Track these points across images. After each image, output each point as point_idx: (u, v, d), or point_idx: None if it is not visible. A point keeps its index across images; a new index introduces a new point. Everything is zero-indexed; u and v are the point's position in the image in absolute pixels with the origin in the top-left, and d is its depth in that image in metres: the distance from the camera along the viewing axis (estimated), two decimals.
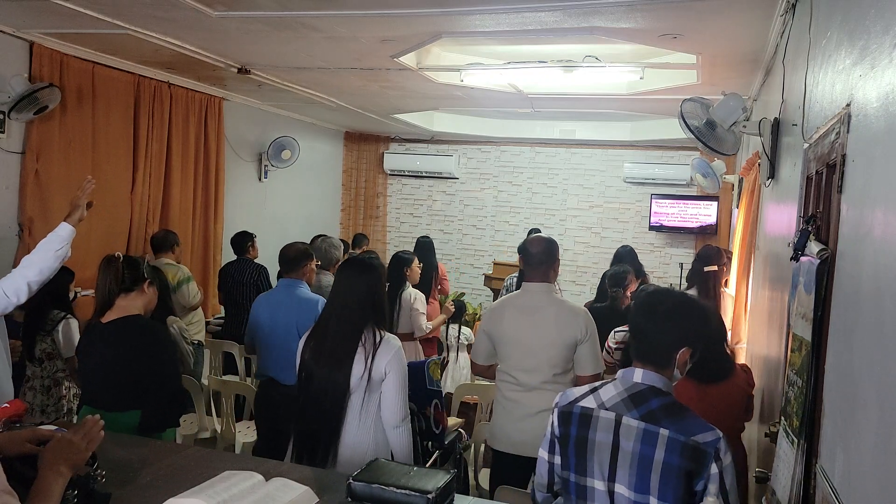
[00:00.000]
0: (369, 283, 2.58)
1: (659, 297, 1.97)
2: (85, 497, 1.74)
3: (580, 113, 7.51)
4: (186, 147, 6.17)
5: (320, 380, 2.52)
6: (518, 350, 3.02)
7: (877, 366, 1.27)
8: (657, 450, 1.76)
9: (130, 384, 2.64)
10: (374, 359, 2.48)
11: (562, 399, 1.97)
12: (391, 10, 3.63)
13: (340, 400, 2.49)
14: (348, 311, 2.54)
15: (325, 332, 2.56)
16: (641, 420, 1.80)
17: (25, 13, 4.15)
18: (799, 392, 1.88)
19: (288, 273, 3.91)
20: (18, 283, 2.65)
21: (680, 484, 1.74)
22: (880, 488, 1.18)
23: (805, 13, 2.49)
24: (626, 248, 6.29)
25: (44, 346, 3.69)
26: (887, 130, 1.31)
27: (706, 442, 1.75)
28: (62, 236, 2.75)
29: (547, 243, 3.13)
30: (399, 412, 2.54)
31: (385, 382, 2.51)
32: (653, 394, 1.84)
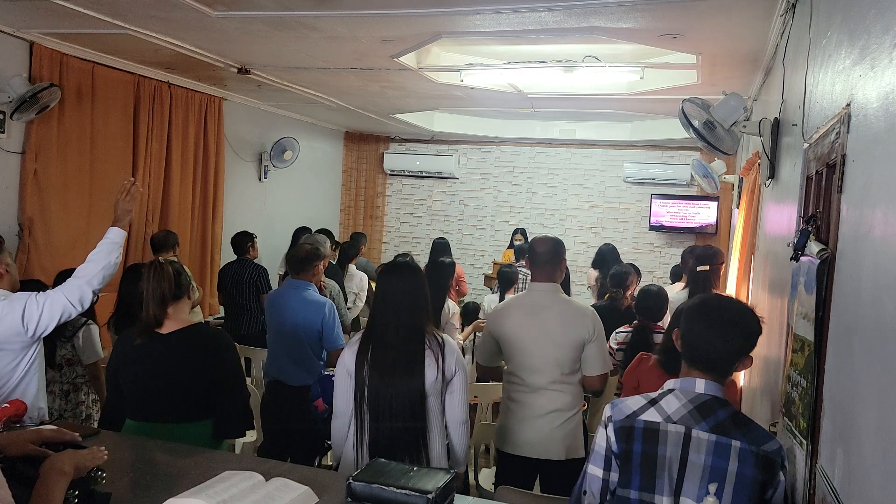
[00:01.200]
0: (419, 285, 2.53)
1: (720, 303, 1.90)
2: (85, 497, 1.74)
3: (580, 113, 7.51)
4: (186, 147, 6.17)
5: (390, 391, 2.44)
6: (524, 350, 2.99)
7: (877, 366, 1.27)
8: (730, 462, 1.73)
9: (201, 394, 2.59)
10: (445, 360, 2.47)
11: (616, 413, 1.86)
12: (391, 10, 3.63)
13: (420, 406, 2.44)
14: (407, 318, 2.48)
15: (384, 342, 2.48)
16: (712, 432, 1.75)
17: (25, 13, 4.15)
18: (803, 393, 1.87)
19: (297, 275, 3.89)
20: (84, 290, 2.63)
21: (755, 494, 1.72)
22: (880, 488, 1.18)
23: (805, 13, 2.49)
24: (609, 247, 6.31)
25: (63, 351, 3.67)
26: (887, 130, 1.31)
27: (774, 450, 1.74)
28: (118, 242, 2.76)
29: (553, 243, 3.10)
30: (466, 408, 2.57)
31: (455, 381, 2.52)
32: (718, 404, 1.80)
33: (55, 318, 2.59)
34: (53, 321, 2.60)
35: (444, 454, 2.52)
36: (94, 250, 2.73)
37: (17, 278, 2.84)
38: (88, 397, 3.77)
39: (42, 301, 2.58)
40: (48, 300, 2.59)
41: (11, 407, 2.30)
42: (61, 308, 2.60)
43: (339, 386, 2.56)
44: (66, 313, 2.62)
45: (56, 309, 2.59)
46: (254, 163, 7.56)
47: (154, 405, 2.61)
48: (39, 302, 2.58)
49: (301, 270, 3.88)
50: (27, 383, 2.62)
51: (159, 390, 2.60)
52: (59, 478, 1.64)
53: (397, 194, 9.71)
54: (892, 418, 1.15)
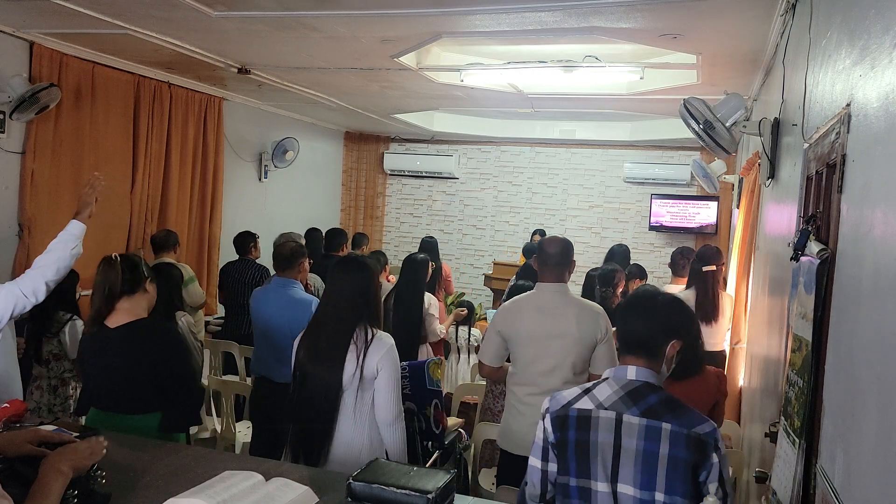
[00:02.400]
0: (362, 281, 2.58)
1: (649, 293, 2.02)
2: (85, 497, 1.74)
3: (580, 113, 7.51)
4: (186, 147, 6.18)
5: (314, 379, 2.52)
6: (537, 351, 2.97)
7: (877, 366, 1.27)
8: (661, 444, 1.77)
9: (147, 387, 2.62)
10: (366, 356, 2.48)
11: (552, 404, 1.93)
12: (391, 10, 3.63)
13: (333, 398, 2.49)
14: (341, 310, 2.55)
15: (318, 331, 2.56)
16: (643, 416, 1.80)
17: (25, 13, 4.15)
18: (800, 392, 1.88)
19: (282, 272, 3.90)
20: (37, 282, 2.65)
21: (687, 476, 1.75)
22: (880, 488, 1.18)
23: (805, 13, 2.49)
24: (622, 247, 6.28)
25: (50, 347, 3.69)
26: (887, 130, 1.31)
27: (706, 432, 1.78)
28: (75, 234, 2.76)
29: (564, 243, 3.12)
30: (392, 410, 2.52)
31: (377, 380, 2.50)
32: (649, 389, 1.85)
33: (9, 309, 2.61)
34: (7, 312, 2.61)
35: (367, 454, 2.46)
36: (53, 241, 2.75)
37: None
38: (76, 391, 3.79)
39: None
40: (3, 291, 2.61)
41: (11, 407, 2.31)
42: (14, 299, 2.61)
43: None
44: (20, 305, 2.63)
45: (9, 301, 2.60)
46: (254, 163, 7.56)
47: (104, 396, 2.69)
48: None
49: (286, 267, 3.89)
50: None
51: (110, 383, 2.67)
52: (57, 477, 1.63)
53: (397, 194, 9.71)
54: (892, 418, 1.15)
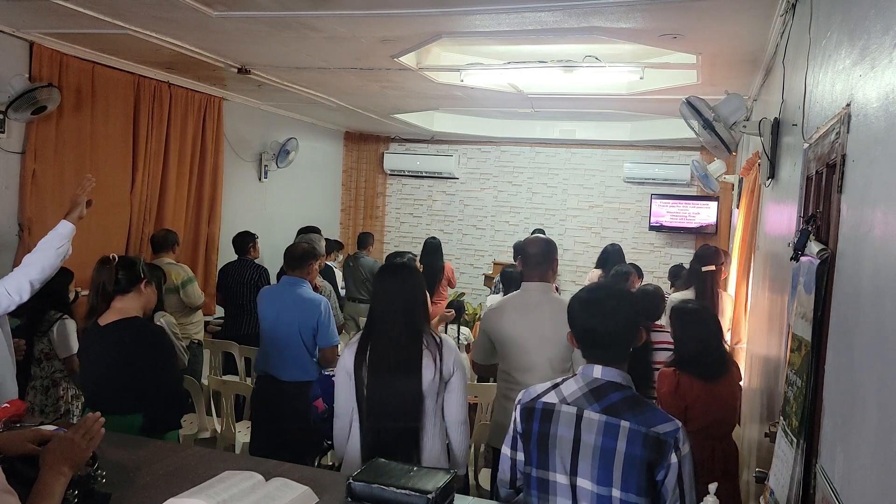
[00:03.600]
0: (415, 285, 2.54)
1: (594, 294, 1.98)
2: (85, 497, 1.74)
3: (580, 113, 7.51)
4: (186, 147, 6.17)
5: (389, 390, 2.44)
6: (516, 349, 3.03)
7: (877, 366, 1.27)
8: (619, 441, 1.79)
9: (131, 387, 2.62)
10: (443, 360, 2.47)
11: (524, 396, 2.00)
12: (391, 10, 3.63)
13: (416, 407, 2.44)
14: (404, 318, 2.48)
15: (380, 342, 2.48)
16: (603, 413, 1.83)
17: (25, 13, 4.15)
18: (798, 392, 1.88)
19: (292, 271, 3.92)
20: (20, 281, 2.66)
21: (642, 474, 1.77)
22: (880, 488, 1.18)
23: (805, 13, 2.49)
24: (615, 247, 6.29)
25: (41, 346, 3.70)
26: (887, 130, 1.31)
27: (666, 432, 1.79)
28: (63, 234, 2.76)
29: (545, 243, 3.17)
30: (464, 408, 2.56)
31: (452, 381, 2.51)
32: (613, 388, 1.87)
33: None
34: None
35: (442, 456, 2.51)
36: (41, 240, 2.77)
37: None
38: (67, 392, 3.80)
39: None
40: None
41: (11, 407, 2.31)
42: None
43: (339, 386, 2.56)
44: (3, 304, 2.64)
45: None
46: (254, 163, 7.56)
47: (93, 394, 2.72)
48: None
49: (296, 267, 3.91)
50: None
51: (97, 380, 2.70)
52: (57, 478, 1.63)
53: (397, 194, 9.71)
54: (893, 418, 1.15)
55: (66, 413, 3.75)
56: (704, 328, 3.15)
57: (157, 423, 2.64)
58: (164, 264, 4.93)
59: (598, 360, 1.92)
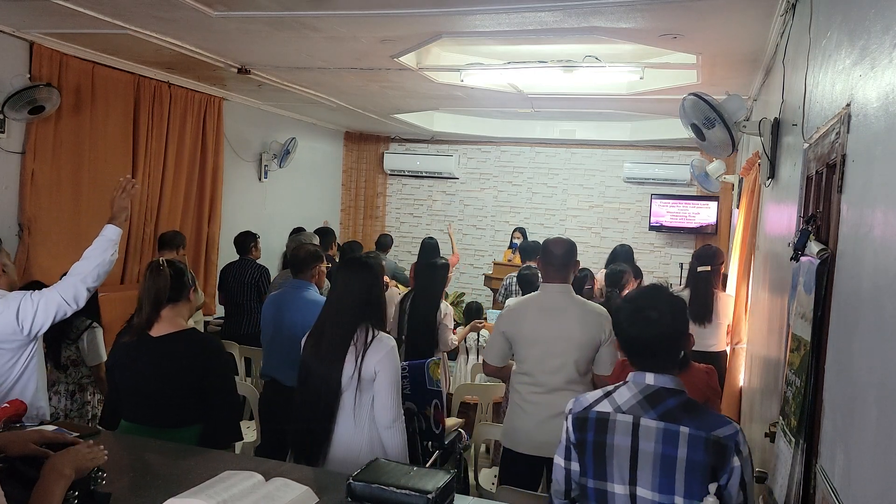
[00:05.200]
0: (365, 281, 2.58)
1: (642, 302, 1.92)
2: (85, 497, 1.74)
3: (580, 113, 7.51)
4: (185, 147, 6.17)
5: (316, 379, 2.53)
6: (541, 351, 2.99)
7: (877, 366, 1.27)
8: (679, 448, 1.75)
9: (190, 400, 2.53)
10: (364, 357, 2.47)
11: (575, 405, 1.94)
12: (391, 10, 3.63)
13: (333, 399, 2.50)
14: (343, 310, 2.55)
15: (321, 332, 2.57)
16: (660, 420, 1.79)
17: (25, 13, 4.15)
18: (797, 392, 1.88)
19: (297, 274, 3.90)
20: (78, 288, 2.61)
21: (705, 480, 1.73)
22: (880, 488, 1.18)
23: (805, 13, 2.49)
24: (624, 247, 6.27)
25: (69, 353, 3.69)
26: (887, 130, 1.31)
27: (726, 436, 1.75)
28: (113, 239, 2.73)
29: (569, 244, 3.13)
30: (390, 412, 2.50)
31: (376, 382, 2.49)
32: (668, 394, 1.83)
33: (50, 316, 2.57)
34: (49, 319, 2.58)
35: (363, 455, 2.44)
36: (90, 247, 2.71)
37: (14, 279, 2.83)
38: (94, 397, 3.79)
39: (37, 300, 2.56)
40: (43, 298, 2.57)
41: (11, 407, 2.30)
42: (56, 306, 2.58)
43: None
44: (60, 311, 2.59)
45: (51, 307, 2.57)
46: (254, 163, 7.56)
47: (142, 408, 2.56)
48: (34, 300, 2.56)
49: (301, 270, 3.89)
50: (25, 382, 2.61)
51: (147, 394, 2.55)
52: (58, 479, 1.64)
53: (397, 194, 9.71)
54: (892, 418, 1.15)
55: (94, 418, 3.73)
56: None
57: (217, 439, 2.54)
58: None
59: (649, 368, 1.87)
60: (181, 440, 2.47)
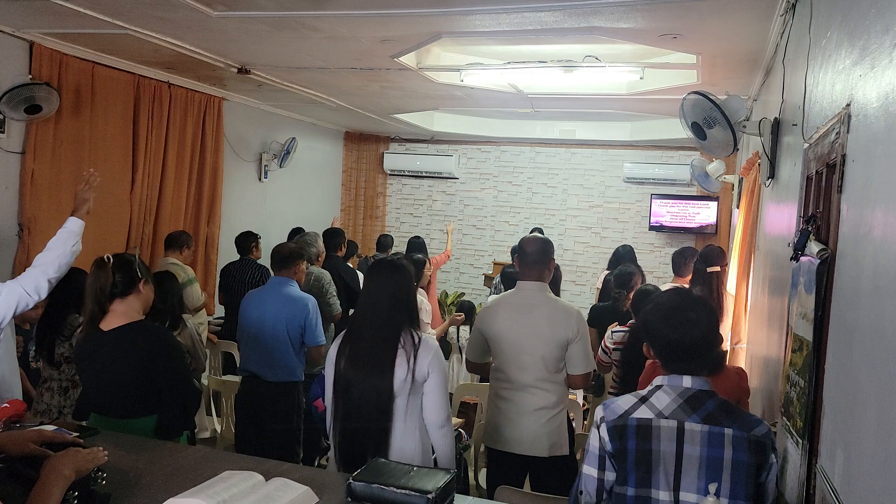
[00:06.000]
0: (400, 284, 2.52)
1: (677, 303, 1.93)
2: (85, 498, 1.74)
3: (580, 113, 7.51)
4: (185, 147, 6.17)
5: (361, 386, 2.44)
6: (511, 348, 3.04)
7: (877, 366, 1.27)
8: (725, 450, 1.77)
9: (143, 391, 2.58)
10: (417, 360, 2.44)
11: (608, 413, 1.88)
12: (391, 10, 3.63)
13: (386, 405, 2.43)
14: (383, 315, 2.47)
15: (360, 338, 2.49)
16: (704, 423, 1.79)
17: (25, 13, 4.15)
18: (801, 392, 1.88)
19: (279, 271, 3.93)
20: (39, 280, 2.65)
21: (750, 479, 1.76)
22: (880, 488, 1.18)
23: (805, 13, 2.49)
24: (627, 248, 6.28)
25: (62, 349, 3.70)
26: (887, 130, 1.31)
27: (763, 434, 1.79)
28: (75, 231, 2.76)
29: (542, 243, 3.16)
30: (443, 412, 2.51)
31: (427, 383, 2.47)
32: (706, 396, 1.84)
33: (11, 307, 2.61)
34: (10, 311, 2.62)
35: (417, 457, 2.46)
36: (53, 239, 2.74)
37: None
38: None
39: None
40: (5, 290, 2.61)
41: (11, 407, 2.31)
42: (17, 297, 2.62)
43: (326, 380, 2.57)
44: (22, 302, 2.63)
45: (12, 299, 2.61)
46: (254, 163, 7.56)
47: (101, 400, 2.65)
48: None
49: (283, 267, 3.91)
50: None
51: (102, 386, 2.63)
52: (58, 479, 1.64)
53: (397, 194, 9.71)
54: (892, 418, 1.15)
55: None
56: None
57: (172, 426, 2.59)
58: (167, 264, 4.93)
59: (684, 371, 1.86)
60: (137, 430, 2.51)
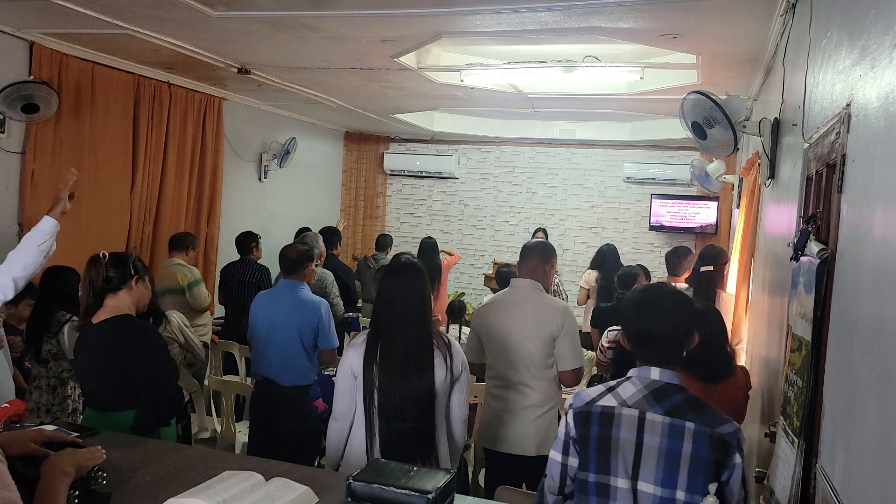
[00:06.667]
0: (423, 285, 2.51)
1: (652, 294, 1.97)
2: (85, 497, 1.74)
3: (580, 113, 7.51)
4: (185, 147, 6.17)
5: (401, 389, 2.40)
6: (501, 345, 3.05)
7: (877, 365, 1.27)
8: (685, 443, 1.78)
9: (124, 384, 2.63)
10: (453, 359, 2.47)
11: (576, 400, 1.94)
12: (391, 10, 3.63)
13: (430, 405, 2.43)
14: (414, 318, 2.45)
15: (393, 343, 2.44)
16: (666, 415, 1.81)
17: (25, 13, 4.15)
18: (799, 392, 1.88)
19: (289, 275, 3.90)
20: (3, 280, 2.63)
21: (708, 476, 1.76)
22: (880, 488, 1.18)
23: (805, 13, 2.49)
24: (610, 247, 6.33)
25: (49, 346, 3.70)
26: (887, 130, 1.31)
27: (729, 433, 1.79)
28: (45, 230, 2.72)
29: (543, 245, 3.25)
30: (467, 406, 2.57)
31: (461, 380, 2.51)
32: (674, 390, 1.86)
33: None
34: None
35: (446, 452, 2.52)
36: (24, 237, 2.75)
37: None
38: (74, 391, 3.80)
39: None
40: None
41: (11, 407, 2.31)
42: None
43: (341, 388, 2.51)
44: None
45: None
46: (254, 163, 7.56)
47: (88, 392, 2.73)
48: None
49: (293, 271, 3.89)
50: None
51: (88, 378, 2.72)
52: (61, 477, 1.64)
53: (397, 194, 9.71)
54: (893, 418, 1.15)
55: (74, 412, 3.76)
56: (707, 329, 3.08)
57: (147, 421, 2.62)
58: (172, 265, 4.92)
59: (653, 362, 1.89)
60: (116, 424, 2.55)
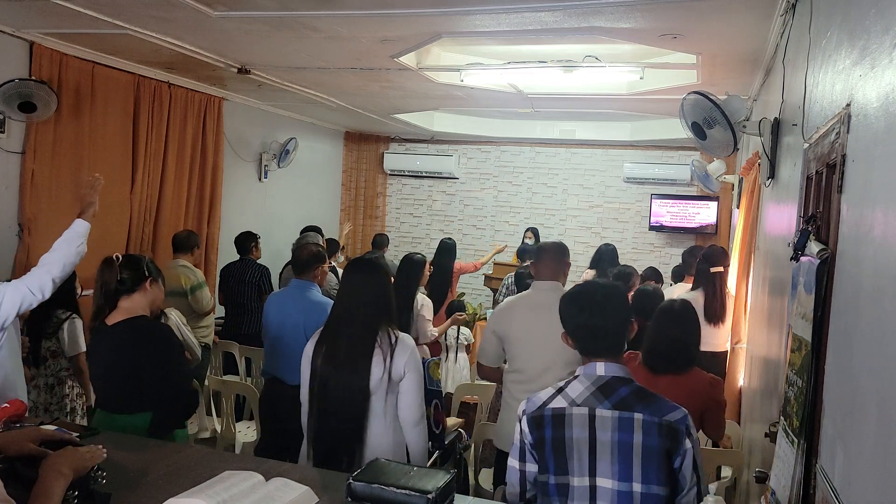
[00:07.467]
0: (378, 282, 2.54)
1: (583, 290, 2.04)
2: (85, 497, 1.74)
3: (580, 113, 7.51)
4: (185, 147, 6.17)
5: (338, 384, 2.45)
6: (529, 349, 3.00)
7: (877, 365, 1.27)
8: (634, 434, 1.81)
9: (139, 386, 2.61)
10: (393, 359, 2.45)
11: (528, 406, 1.97)
12: (391, 10, 3.63)
13: (362, 403, 2.44)
14: (360, 313, 2.49)
15: (337, 336, 2.50)
16: (615, 409, 1.84)
17: (25, 13, 4.15)
18: (799, 392, 1.88)
19: (300, 275, 3.90)
20: (44, 279, 2.71)
21: (661, 464, 1.79)
22: (880, 488, 1.18)
23: (805, 13, 2.49)
24: (609, 247, 6.33)
25: (48, 344, 3.71)
26: (887, 130, 1.31)
27: (677, 419, 1.82)
28: (80, 233, 2.86)
29: (558, 244, 3.24)
30: (418, 409, 2.53)
31: (403, 382, 2.49)
32: (620, 383, 1.89)
33: (16, 306, 2.67)
34: (14, 310, 2.67)
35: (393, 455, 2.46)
36: (59, 239, 2.83)
37: None
38: (73, 390, 3.80)
39: (3, 291, 2.65)
40: (9, 289, 2.66)
41: (11, 407, 2.31)
42: (21, 297, 2.67)
43: (304, 377, 2.58)
44: (26, 302, 2.69)
45: (16, 298, 2.66)
46: (254, 163, 7.56)
47: (102, 394, 2.71)
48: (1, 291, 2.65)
49: (303, 271, 3.89)
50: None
51: (103, 380, 2.71)
52: (57, 478, 1.64)
53: (397, 194, 9.71)
54: (893, 418, 1.15)
55: (72, 411, 3.76)
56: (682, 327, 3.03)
57: (164, 423, 2.62)
58: (176, 266, 4.91)
59: (596, 357, 1.94)
60: (132, 426, 2.55)
